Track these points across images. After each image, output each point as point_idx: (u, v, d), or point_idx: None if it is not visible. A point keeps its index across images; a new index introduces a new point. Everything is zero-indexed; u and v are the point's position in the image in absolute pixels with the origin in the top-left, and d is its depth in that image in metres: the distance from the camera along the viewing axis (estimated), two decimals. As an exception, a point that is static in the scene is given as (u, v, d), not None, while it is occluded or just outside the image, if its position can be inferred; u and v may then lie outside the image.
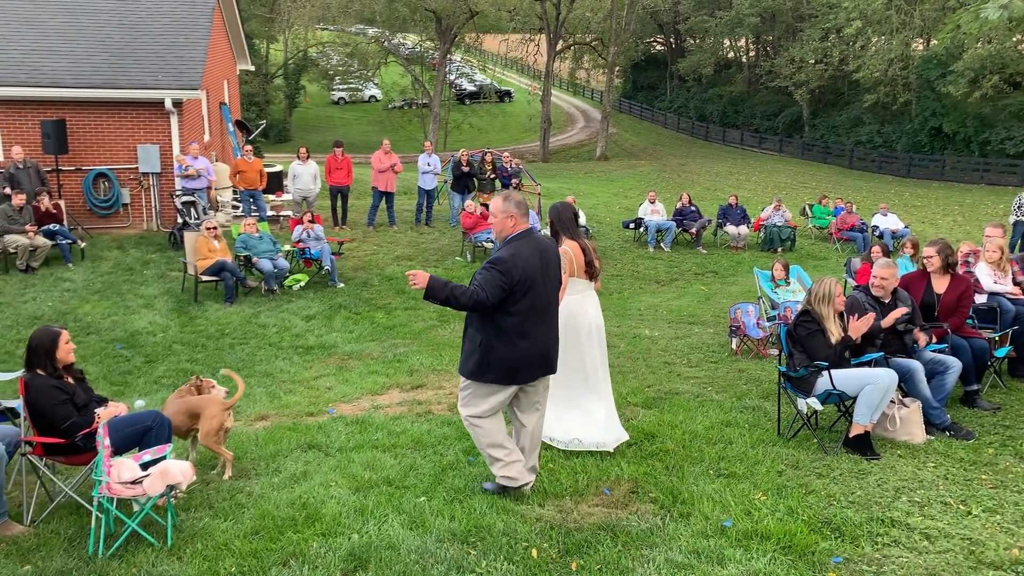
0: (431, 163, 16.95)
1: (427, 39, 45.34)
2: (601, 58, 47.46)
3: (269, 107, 44.68)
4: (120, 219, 15.71)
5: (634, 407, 6.93)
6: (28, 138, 14.90)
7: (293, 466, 5.85)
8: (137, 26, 16.49)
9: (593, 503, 5.03)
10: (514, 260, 4.70)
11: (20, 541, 4.82)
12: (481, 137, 45.66)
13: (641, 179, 31.38)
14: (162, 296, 12.28)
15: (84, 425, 5.13)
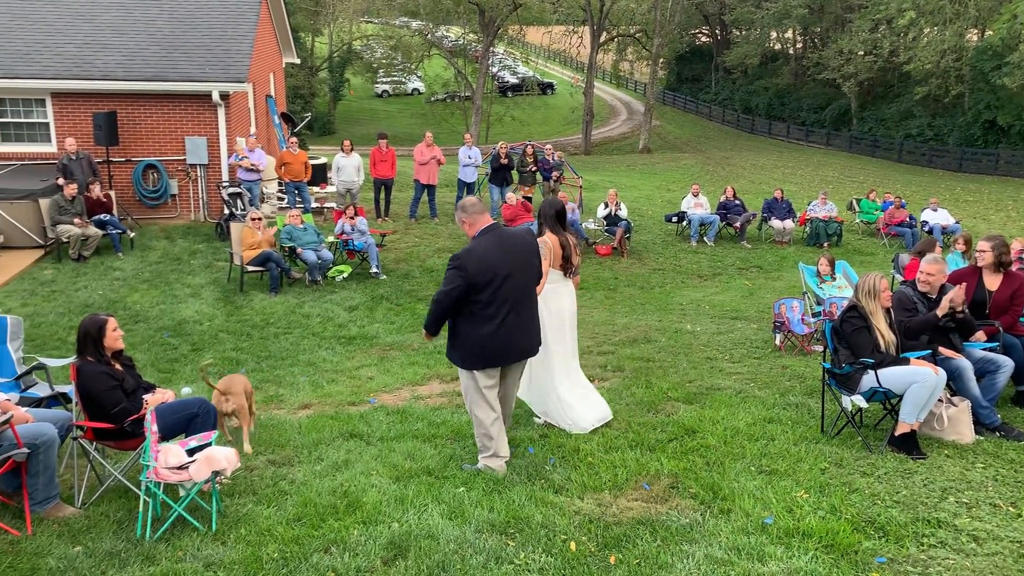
0: (472, 156, 16.98)
1: (470, 31, 45.42)
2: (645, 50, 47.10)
3: (314, 100, 45.13)
4: (168, 210, 16.01)
5: (675, 402, 6.88)
6: (81, 130, 15.26)
7: (335, 454, 5.93)
8: (186, 20, 16.77)
9: (632, 497, 5.01)
10: (468, 256, 5.10)
11: (71, 522, 4.95)
12: (523, 130, 45.61)
13: (684, 172, 31.09)
14: (209, 286, 12.50)
15: (133, 411, 5.25)
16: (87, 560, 4.46)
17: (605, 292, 12.90)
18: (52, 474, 5.09)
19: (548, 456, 5.67)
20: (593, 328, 10.30)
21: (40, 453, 4.97)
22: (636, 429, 6.17)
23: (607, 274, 13.98)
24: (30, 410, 5.41)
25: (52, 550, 4.60)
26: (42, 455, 4.98)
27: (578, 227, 14.90)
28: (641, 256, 15.29)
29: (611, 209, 15.59)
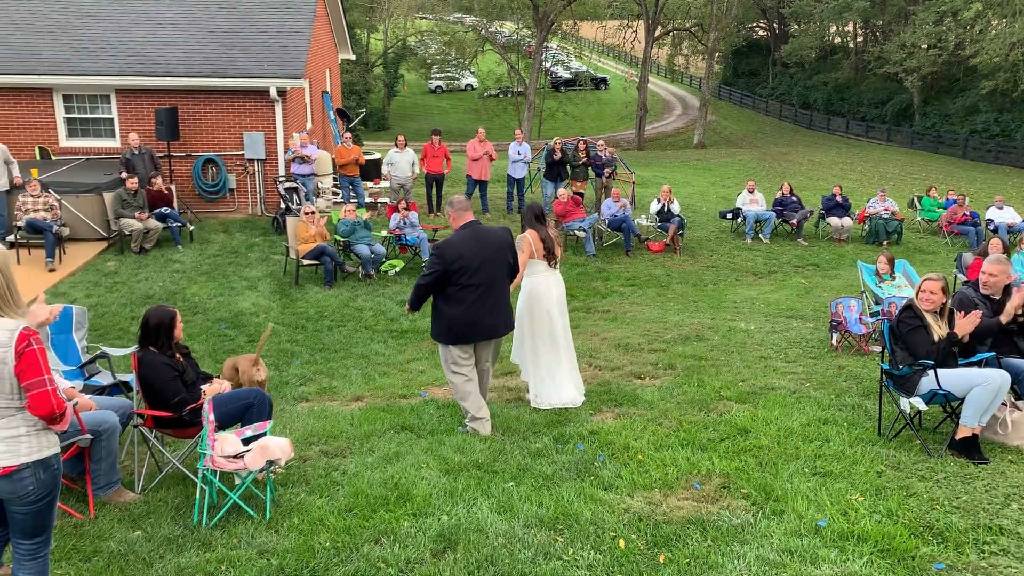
0: (521, 152, 16.97)
1: (524, 27, 45.36)
2: (701, 44, 46.46)
3: (368, 96, 45.59)
4: (226, 204, 16.35)
5: (727, 401, 6.80)
6: (143, 125, 15.66)
7: (386, 446, 5.99)
8: (245, 17, 17.08)
9: (683, 496, 4.97)
10: (447, 246, 6.04)
11: (131, 508, 5.09)
12: (576, 125, 45.42)
13: (740, 168, 30.65)
14: (265, 278, 12.74)
15: (191, 400, 5.38)
16: (146, 544, 4.59)
17: (657, 289, 12.80)
18: (114, 460, 5.25)
19: (597, 453, 5.65)
20: (644, 325, 10.23)
21: (103, 439, 5.12)
22: (687, 428, 6.12)
23: (659, 271, 13.86)
24: (93, 397, 5.58)
25: (113, 534, 4.74)
26: (105, 441, 5.14)
27: (630, 224, 14.81)
28: (694, 253, 15.13)
29: (664, 205, 15.46)
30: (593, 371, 8.21)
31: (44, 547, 3.58)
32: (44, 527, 3.53)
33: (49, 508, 3.51)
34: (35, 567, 3.55)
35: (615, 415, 6.62)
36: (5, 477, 3.33)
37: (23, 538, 3.51)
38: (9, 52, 15.50)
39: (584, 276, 13.43)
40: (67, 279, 12.26)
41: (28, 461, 3.36)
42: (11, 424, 3.32)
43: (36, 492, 3.40)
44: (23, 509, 3.42)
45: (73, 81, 15.38)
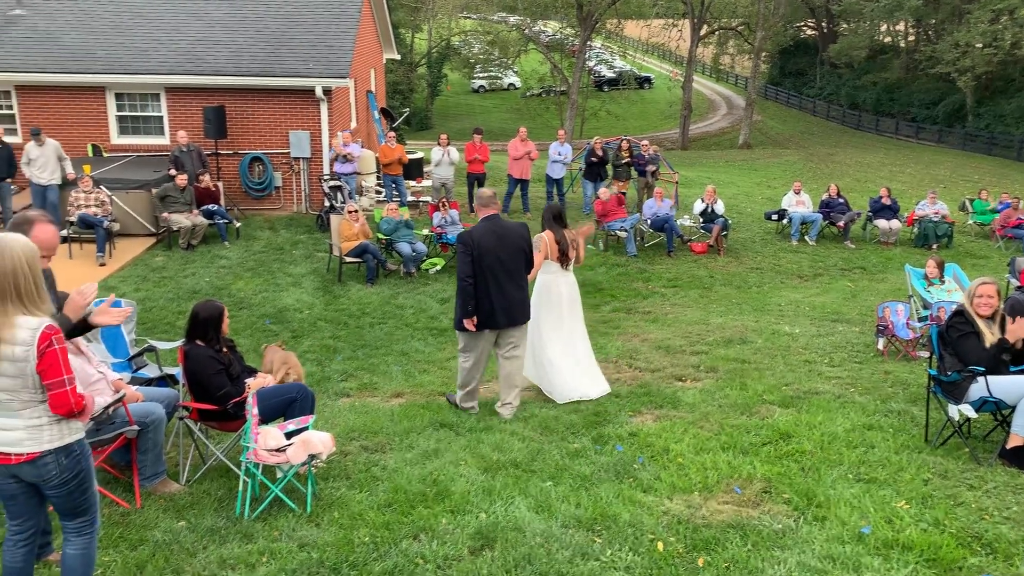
0: (562, 152, 16.91)
1: (568, 26, 45.24)
2: (747, 43, 45.93)
3: (412, 95, 45.90)
4: (272, 201, 16.58)
5: (770, 405, 6.71)
6: (192, 123, 15.95)
7: (425, 443, 6.02)
8: (291, 16, 17.30)
9: (723, 500, 4.91)
10: (470, 236, 6.47)
11: (176, 498, 5.19)
12: (619, 124, 45.21)
13: (786, 168, 30.22)
14: (309, 275, 12.89)
15: (236, 394, 5.46)
16: (190, 535, 4.67)
17: (700, 291, 12.68)
18: (160, 451, 5.35)
19: (637, 455, 5.62)
20: (686, 327, 10.15)
21: (149, 431, 5.23)
22: (729, 431, 6.05)
23: (702, 272, 13.73)
24: (141, 389, 5.70)
25: (158, 523, 4.83)
26: (151, 433, 5.24)
27: (672, 224, 14.69)
28: (738, 254, 14.96)
29: (708, 205, 15.30)
30: (633, 372, 8.17)
31: (89, 526, 3.70)
32: (82, 509, 3.65)
33: (80, 491, 3.61)
34: (81, 543, 3.68)
35: (655, 417, 6.57)
36: (29, 463, 3.45)
37: (66, 518, 3.66)
38: (64, 52, 15.90)
39: (625, 276, 13.35)
40: (116, 273, 12.53)
41: (50, 448, 3.46)
42: (34, 415, 3.42)
43: (60, 476, 3.51)
44: (53, 492, 3.56)
45: (125, 80, 15.73)
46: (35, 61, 15.68)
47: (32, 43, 16.03)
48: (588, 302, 11.99)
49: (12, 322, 3.28)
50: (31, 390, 3.37)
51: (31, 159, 13.54)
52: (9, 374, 3.32)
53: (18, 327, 3.29)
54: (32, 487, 3.58)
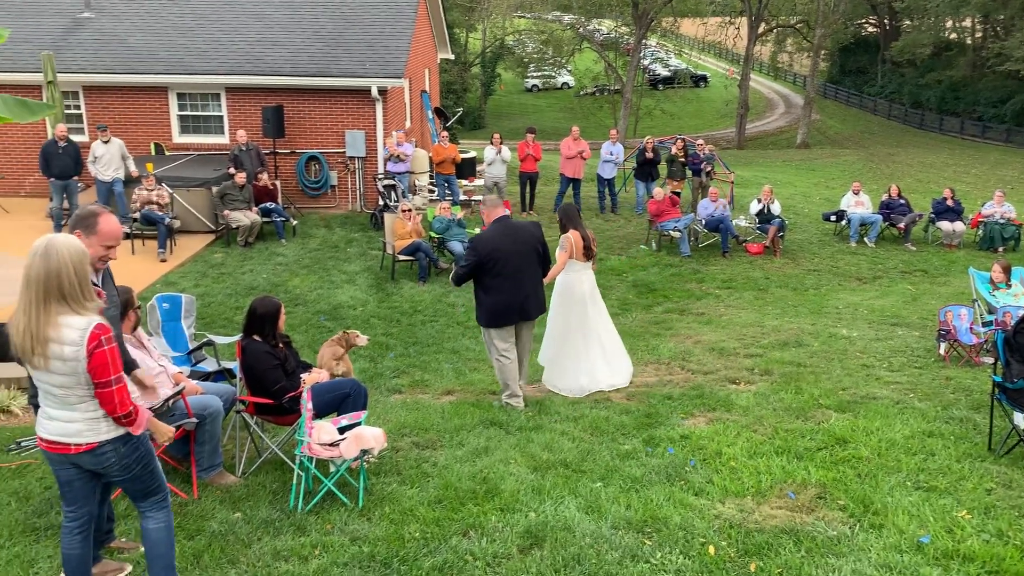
0: (614, 152, 16.82)
1: (623, 24, 44.97)
2: (806, 41, 45.10)
3: (466, 95, 46.10)
4: (328, 200, 16.83)
5: (826, 410, 6.58)
6: (251, 123, 16.26)
7: (475, 441, 6.05)
8: (349, 18, 17.52)
9: (776, 505, 4.84)
10: (480, 240, 6.76)
11: (232, 490, 5.30)
12: (673, 123, 44.80)
13: (845, 169, 29.60)
14: (362, 273, 13.05)
15: (291, 389, 5.55)
16: (245, 526, 4.77)
17: (755, 292, 12.50)
18: (217, 444, 5.47)
19: (688, 458, 5.56)
20: (740, 329, 10.01)
21: (207, 423, 5.35)
22: (783, 435, 5.95)
23: (757, 273, 13.53)
24: (199, 383, 5.84)
25: (215, 514, 4.94)
26: (209, 425, 5.36)
27: (728, 224, 14.50)
28: (795, 256, 14.70)
29: (764, 206, 15.07)
30: (686, 374, 8.09)
31: (163, 502, 3.83)
32: (151, 490, 3.76)
33: (146, 473, 3.72)
34: (161, 516, 3.81)
35: (708, 420, 6.50)
36: (88, 452, 3.55)
37: (137, 500, 3.78)
38: (129, 53, 16.35)
39: (678, 277, 13.23)
40: (177, 269, 12.85)
41: (108, 438, 3.56)
42: (90, 407, 3.51)
43: (119, 463, 3.61)
44: (118, 478, 3.67)
45: (187, 80, 16.11)
46: (102, 62, 16.15)
47: (99, 45, 16.52)
48: (640, 303, 11.94)
49: (57, 322, 3.34)
50: (84, 387, 3.46)
51: (97, 157, 13.97)
52: (62, 372, 3.41)
53: (65, 327, 3.35)
54: (91, 474, 3.69)
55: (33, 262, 3.33)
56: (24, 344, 3.37)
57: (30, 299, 3.34)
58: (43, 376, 3.45)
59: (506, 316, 6.77)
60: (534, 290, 6.85)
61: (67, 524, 3.80)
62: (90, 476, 3.71)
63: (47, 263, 3.32)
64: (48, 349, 3.35)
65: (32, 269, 3.33)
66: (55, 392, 3.47)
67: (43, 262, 3.31)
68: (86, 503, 3.79)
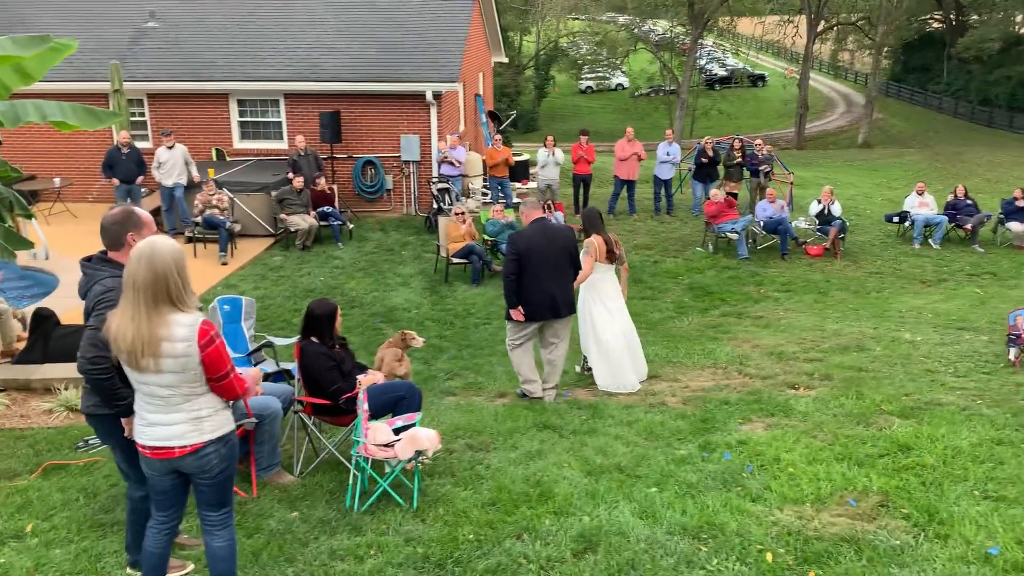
0: (670, 152, 16.66)
1: (678, 24, 44.56)
2: (868, 38, 44.07)
3: (519, 98, 46.15)
4: (383, 203, 17.01)
5: (888, 416, 6.41)
6: (308, 128, 16.53)
7: (528, 444, 6.04)
8: (404, 23, 17.69)
9: (836, 513, 4.73)
10: (519, 238, 7.15)
11: (290, 489, 5.39)
12: (730, 123, 44.18)
13: (908, 169, 28.84)
14: (417, 276, 13.16)
15: (347, 390, 5.63)
16: (302, 525, 4.84)
17: (815, 295, 12.25)
18: (275, 444, 5.57)
19: (745, 464, 5.47)
20: (800, 333, 9.82)
21: (266, 423, 5.45)
22: (843, 441, 5.82)
23: (817, 276, 13.26)
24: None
25: (273, 513, 5.03)
26: (268, 425, 5.46)
27: (787, 226, 14.24)
28: (856, 258, 14.38)
29: (824, 207, 14.76)
30: (743, 379, 7.96)
31: (231, 516, 3.88)
32: (228, 498, 3.83)
33: (229, 481, 3.80)
34: (226, 535, 3.85)
35: (766, 425, 6.39)
36: (192, 454, 3.61)
37: (211, 510, 3.80)
38: (191, 61, 16.77)
39: (736, 280, 13.04)
40: (237, 272, 13.13)
41: (211, 438, 3.63)
42: (195, 406, 3.59)
43: (218, 466, 3.68)
44: (208, 482, 3.71)
45: (247, 87, 16.45)
46: (165, 70, 16.60)
47: (162, 53, 16.98)
48: (696, 306, 11.80)
49: (168, 320, 3.46)
50: (191, 383, 3.55)
51: (161, 162, 14.35)
52: (172, 370, 3.49)
53: (174, 325, 3.46)
54: (183, 480, 3.76)
55: (139, 268, 3.42)
56: (135, 348, 3.44)
57: (139, 304, 3.43)
58: (150, 379, 3.51)
59: (536, 312, 7.08)
60: (564, 290, 7.14)
61: (157, 525, 3.86)
62: (184, 482, 3.78)
63: (154, 268, 3.42)
64: (160, 348, 3.44)
65: (140, 275, 3.42)
66: (160, 394, 3.54)
67: (150, 267, 3.41)
68: (179, 508, 3.88)
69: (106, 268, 4.04)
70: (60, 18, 17.61)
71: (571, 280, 7.25)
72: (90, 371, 3.84)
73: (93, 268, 4.06)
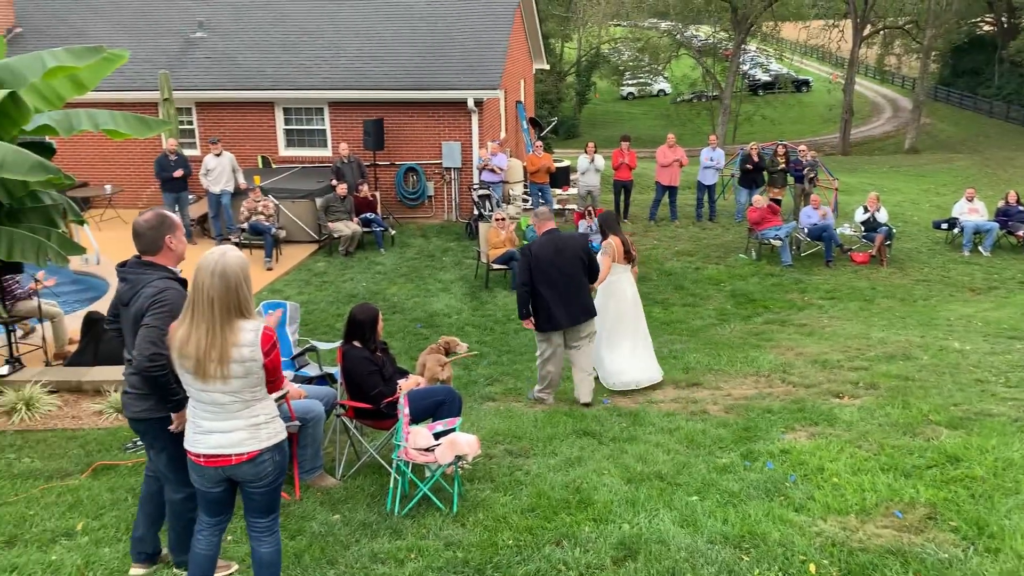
0: (714, 158, 16.55)
1: (721, 30, 44.23)
2: (916, 42, 43.26)
3: (560, 104, 46.16)
4: (424, 210, 17.14)
5: (936, 426, 6.28)
6: (352, 136, 16.73)
7: (568, 450, 6.04)
8: (446, 31, 17.83)
9: (882, 524, 4.64)
10: (530, 248, 7.35)
11: (332, 492, 5.45)
12: (773, 129, 43.68)
13: (957, 175, 28.24)
14: (457, 281, 13.22)
15: (388, 394, 5.68)
16: (344, 528, 4.90)
17: (860, 303, 12.05)
18: (318, 447, 5.64)
19: (788, 473, 5.41)
20: (845, 341, 9.67)
21: (309, 426, 5.52)
22: (889, 452, 5.71)
23: (863, 283, 13.04)
24: (303, 387, 6.03)
25: (315, 515, 5.09)
26: (311, 428, 5.53)
27: (831, 233, 14.03)
28: (903, 265, 14.12)
29: (871, 213, 14.53)
30: (786, 387, 7.86)
31: (277, 522, 3.93)
32: (276, 505, 3.88)
33: (279, 488, 3.85)
34: (273, 541, 3.89)
35: (809, 435, 6.30)
36: (249, 462, 3.66)
37: (260, 516, 3.85)
38: (239, 70, 17.08)
39: (779, 287, 12.88)
40: (282, 278, 13.32)
41: (267, 446, 3.69)
42: (253, 413, 3.66)
43: (272, 473, 3.73)
44: (260, 490, 3.75)
45: (292, 95, 16.71)
46: (213, 80, 16.92)
47: (211, 63, 17.32)
48: (739, 313, 11.69)
49: (236, 327, 3.54)
50: (252, 388, 3.63)
51: (208, 170, 14.63)
52: (237, 375, 3.56)
53: (241, 331, 3.55)
54: (232, 487, 3.82)
55: (212, 279, 3.51)
56: (205, 357, 3.51)
57: (213, 314, 3.51)
58: (215, 386, 3.58)
59: (553, 320, 7.26)
60: (580, 296, 7.32)
61: (207, 528, 3.91)
62: (233, 488, 3.84)
63: (227, 279, 3.52)
64: (229, 355, 3.53)
65: (214, 286, 3.51)
66: (221, 401, 3.61)
67: (222, 283, 3.51)
68: (229, 511, 3.93)
69: (151, 271, 4.09)
70: (113, 29, 18.08)
71: (587, 286, 7.40)
72: (149, 368, 3.90)
73: (136, 272, 4.11)
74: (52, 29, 18.16)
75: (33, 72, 6.79)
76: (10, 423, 7.24)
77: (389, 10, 18.55)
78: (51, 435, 7.09)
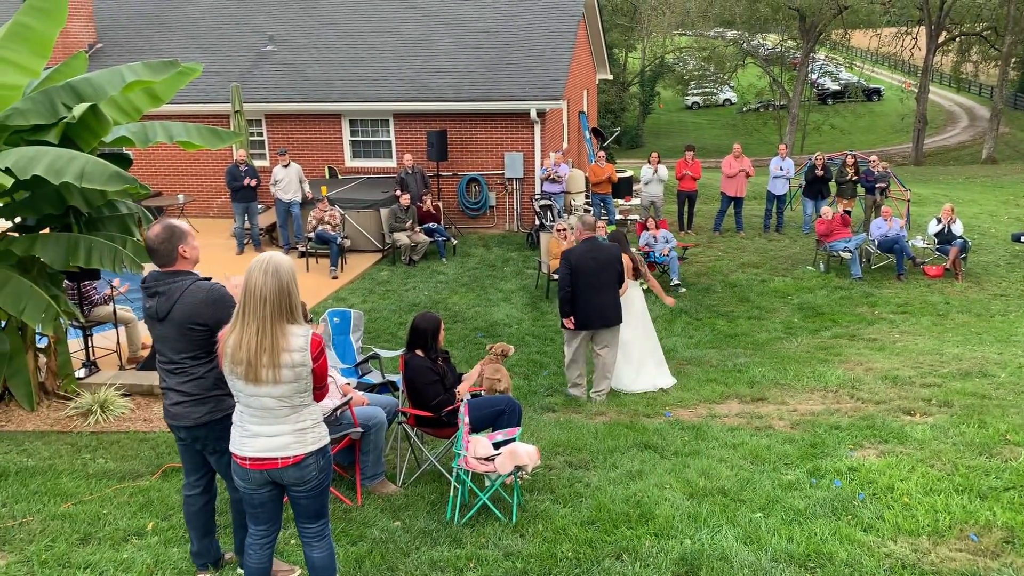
0: (784, 167, 16.27)
1: (789, 38, 43.51)
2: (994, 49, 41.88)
3: (624, 114, 45.96)
4: (486, 220, 17.23)
5: (1014, 447, 6.03)
6: (416, 147, 16.94)
7: (629, 463, 5.98)
8: (509, 42, 17.94)
9: (955, 547, 4.48)
10: (571, 253, 7.87)
11: (393, 499, 5.50)
12: (843, 139, 42.75)
13: (1037, 186, 27.18)
14: (518, 291, 13.24)
15: (449, 403, 5.71)
16: (404, 535, 4.93)
17: (933, 318, 11.67)
18: (380, 453, 5.70)
19: (857, 491, 5.25)
20: (917, 357, 9.37)
21: (371, 433, 5.58)
22: (964, 472, 5.50)
23: (936, 298, 12.63)
24: (365, 394, 6.11)
25: (376, 522, 5.14)
26: (373, 435, 5.60)
27: (903, 245, 13.64)
28: (979, 279, 13.63)
29: (945, 225, 14.07)
30: (855, 404, 7.65)
31: (327, 527, 3.96)
32: (324, 509, 3.91)
33: (326, 492, 3.89)
34: (324, 545, 3.93)
35: (878, 452, 6.11)
36: (294, 466, 3.70)
37: (309, 522, 3.89)
38: (307, 83, 17.46)
39: (848, 301, 12.57)
40: (347, 286, 13.53)
41: (312, 450, 3.73)
42: (300, 418, 3.71)
43: (317, 477, 3.77)
44: (306, 494, 3.80)
45: (358, 107, 17.01)
46: (283, 92, 17.34)
47: (280, 76, 17.75)
48: (806, 327, 11.44)
49: (286, 331, 3.60)
50: (302, 393, 3.68)
51: (277, 180, 14.97)
52: (287, 380, 3.62)
53: (291, 336, 3.61)
54: (278, 493, 3.87)
55: (266, 281, 3.56)
56: (257, 359, 3.56)
57: (264, 316, 3.56)
58: (265, 390, 3.62)
59: (586, 321, 7.88)
60: (612, 300, 7.94)
61: (257, 541, 3.94)
62: (279, 494, 3.88)
63: (278, 282, 3.58)
64: (280, 359, 3.59)
65: (266, 288, 3.56)
66: (269, 405, 3.66)
67: (275, 281, 3.57)
68: (276, 520, 3.98)
69: (180, 278, 4.09)
70: (187, 44, 18.68)
71: (617, 292, 8.00)
72: None
73: (168, 283, 4.08)
74: (130, 44, 18.86)
75: (112, 86, 7.04)
76: (86, 424, 7.50)
77: (452, 23, 18.75)
78: (124, 437, 7.32)
